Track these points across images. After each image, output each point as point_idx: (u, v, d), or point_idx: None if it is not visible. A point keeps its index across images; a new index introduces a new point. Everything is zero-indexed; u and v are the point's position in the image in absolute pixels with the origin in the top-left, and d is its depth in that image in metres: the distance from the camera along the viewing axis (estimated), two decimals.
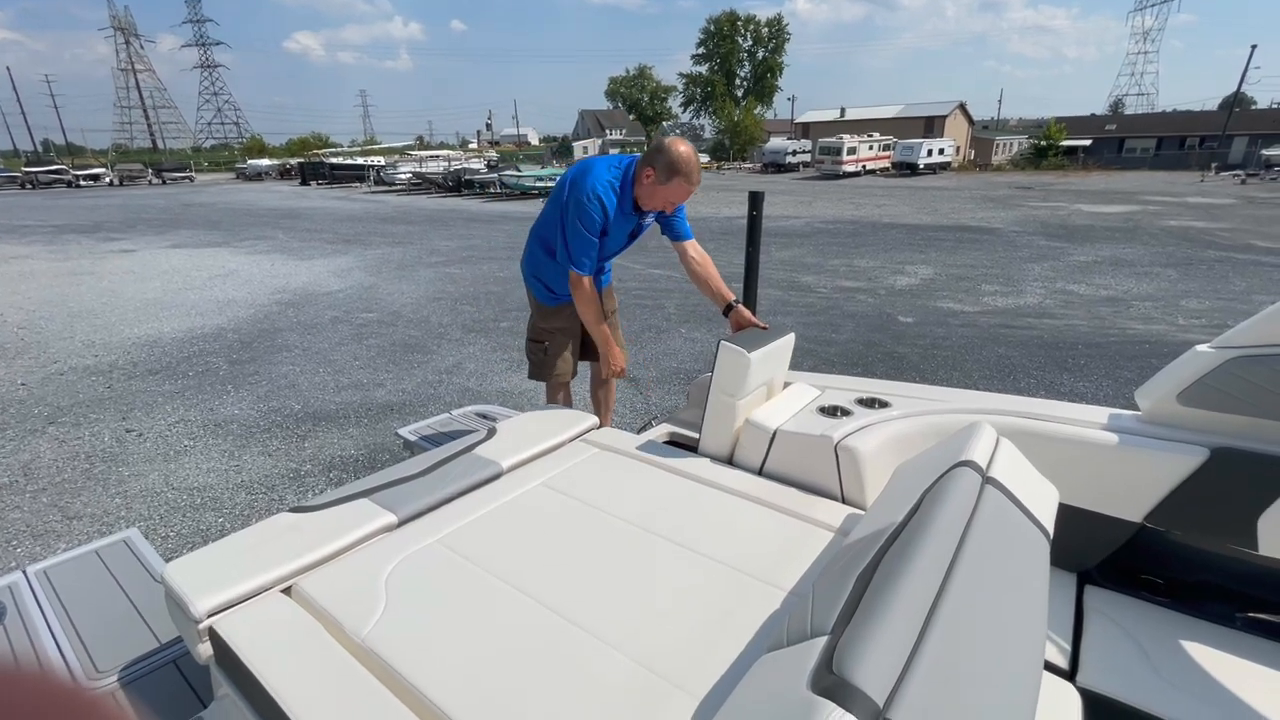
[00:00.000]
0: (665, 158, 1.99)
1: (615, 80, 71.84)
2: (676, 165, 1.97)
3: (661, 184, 2.02)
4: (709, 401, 1.49)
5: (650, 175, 2.03)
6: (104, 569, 1.56)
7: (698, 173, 2.02)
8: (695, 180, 2.02)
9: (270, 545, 1.17)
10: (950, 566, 0.69)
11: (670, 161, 1.98)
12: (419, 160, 33.55)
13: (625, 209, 2.13)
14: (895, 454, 1.29)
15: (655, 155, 2.02)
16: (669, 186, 2.01)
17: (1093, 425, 1.23)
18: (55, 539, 2.74)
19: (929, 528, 0.73)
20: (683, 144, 2.01)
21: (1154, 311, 6.41)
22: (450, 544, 1.18)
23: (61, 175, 36.82)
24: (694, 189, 2.05)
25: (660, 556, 1.12)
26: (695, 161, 2.00)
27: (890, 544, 0.76)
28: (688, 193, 2.06)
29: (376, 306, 6.97)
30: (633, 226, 2.24)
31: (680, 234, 2.30)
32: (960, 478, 0.82)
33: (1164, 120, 46.38)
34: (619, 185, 2.11)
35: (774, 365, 1.67)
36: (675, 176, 1.99)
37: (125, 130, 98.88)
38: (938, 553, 0.70)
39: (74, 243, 12.34)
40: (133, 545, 1.62)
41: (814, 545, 1.13)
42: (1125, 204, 17.58)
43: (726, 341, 1.49)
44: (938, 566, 0.68)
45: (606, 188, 2.09)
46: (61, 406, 4.22)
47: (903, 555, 0.70)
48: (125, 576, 1.53)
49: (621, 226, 2.19)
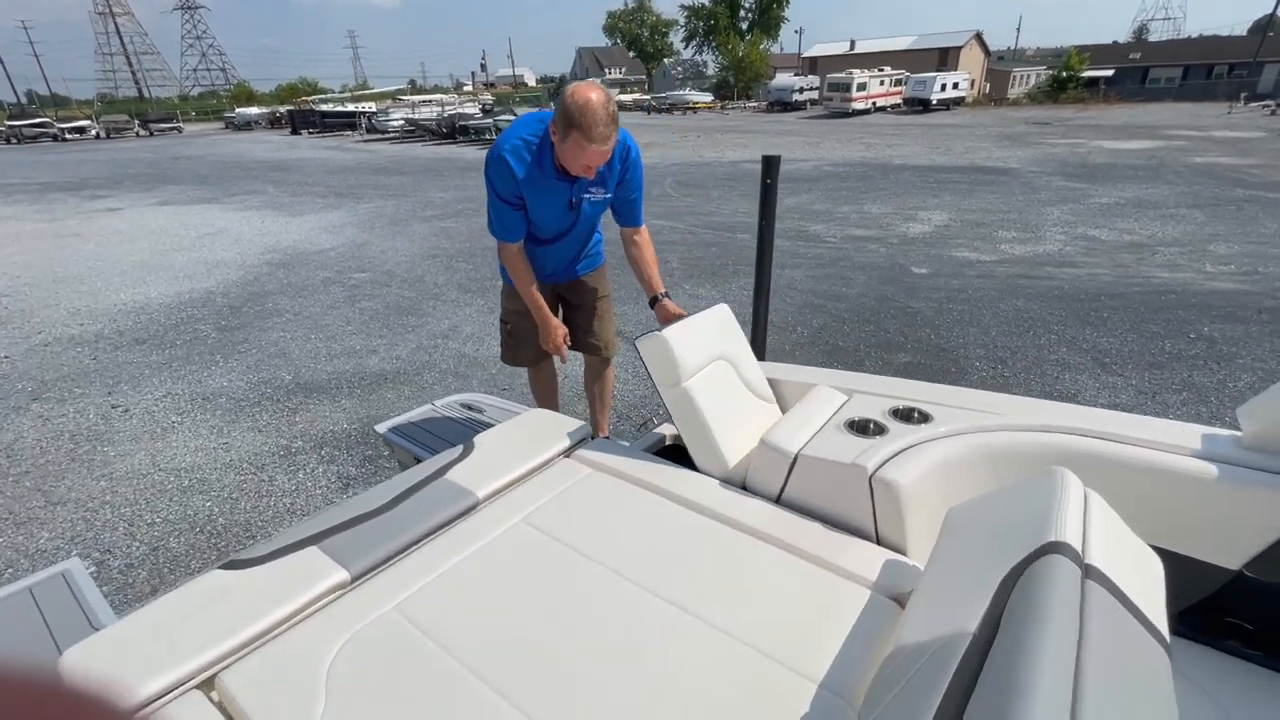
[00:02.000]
0: (561, 108, 1.59)
1: (614, 15, 68.47)
2: (571, 116, 1.56)
3: (561, 142, 1.63)
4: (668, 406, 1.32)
5: (554, 131, 1.66)
6: (36, 612, 1.38)
7: (604, 125, 1.58)
8: (597, 136, 1.57)
9: (194, 619, 0.98)
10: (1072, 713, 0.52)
11: (565, 113, 1.57)
12: (412, 105, 32.34)
13: (547, 173, 1.77)
14: (943, 486, 1.10)
15: (556, 108, 1.64)
16: (566, 146, 1.62)
17: (1183, 450, 1.03)
18: (39, 526, 2.65)
19: (1032, 661, 0.55)
20: (590, 90, 1.59)
21: (1180, 258, 6.11)
22: (409, 612, 0.98)
23: (47, 129, 35.77)
24: (599, 148, 1.61)
25: (661, 629, 0.94)
26: (600, 111, 1.56)
27: (971, 673, 0.59)
28: (592, 154, 1.63)
29: (369, 265, 6.73)
30: (567, 195, 1.86)
31: (627, 219, 2.00)
32: (1053, 572, 0.64)
33: (1191, 47, 43.99)
34: (535, 145, 1.75)
35: (713, 338, 1.48)
36: (571, 131, 1.58)
37: (109, 79, 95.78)
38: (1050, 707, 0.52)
39: (60, 202, 11.99)
40: (72, 581, 1.42)
41: (847, 607, 0.94)
42: (1148, 139, 16.80)
43: (640, 339, 1.37)
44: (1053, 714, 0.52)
45: (515, 149, 1.74)
46: (46, 381, 4.08)
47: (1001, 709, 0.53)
48: (60, 623, 1.35)
49: (548, 195, 1.83)
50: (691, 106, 42.59)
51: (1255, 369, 3.75)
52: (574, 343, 2.32)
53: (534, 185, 1.79)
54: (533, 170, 1.76)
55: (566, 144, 1.63)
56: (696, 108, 42.73)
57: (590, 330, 2.29)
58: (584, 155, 1.64)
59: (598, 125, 1.58)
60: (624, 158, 1.91)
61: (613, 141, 1.65)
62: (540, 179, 1.78)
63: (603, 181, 1.89)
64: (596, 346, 2.32)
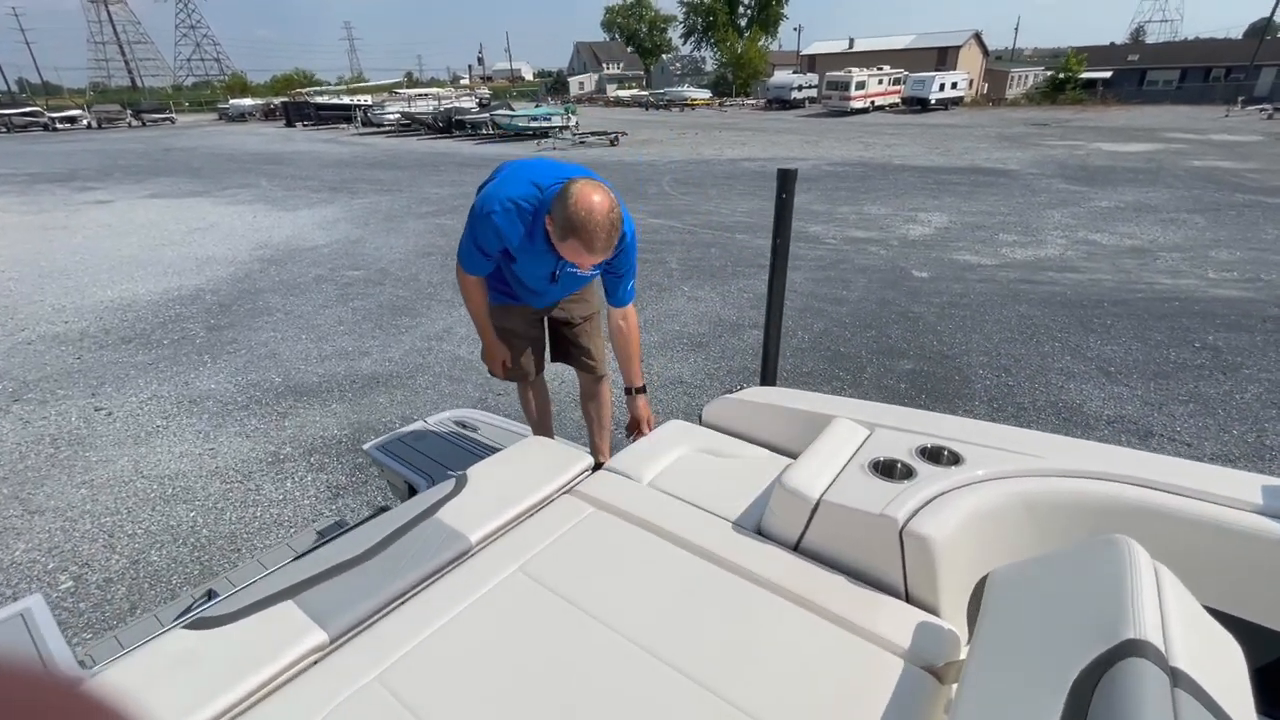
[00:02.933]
0: (563, 210, 1.49)
1: (612, 10, 68.11)
2: (572, 224, 1.47)
3: (558, 240, 1.55)
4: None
5: (551, 229, 1.57)
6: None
7: (606, 237, 1.50)
8: (598, 248, 1.50)
9: (155, 691, 0.88)
10: None
11: (567, 218, 1.48)
12: (408, 99, 32.01)
13: (537, 243, 1.68)
14: (979, 539, 1.02)
15: (556, 202, 1.53)
16: (565, 246, 1.54)
17: (1245, 505, 0.94)
18: (14, 537, 2.55)
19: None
20: (593, 192, 1.48)
21: (1182, 264, 6.07)
22: (392, 683, 0.88)
23: (37, 118, 35.26)
24: (597, 258, 1.55)
25: (668, 700, 0.85)
26: (602, 222, 1.47)
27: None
28: (588, 262, 1.57)
29: (363, 263, 6.62)
30: (552, 267, 1.78)
31: (615, 298, 1.92)
32: (1140, 680, 0.57)
33: (1188, 49, 44.06)
34: (530, 212, 1.65)
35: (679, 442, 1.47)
36: (570, 238, 1.50)
37: (102, 68, 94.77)
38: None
39: (48, 193, 11.80)
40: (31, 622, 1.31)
41: (877, 679, 0.85)
42: (1147, 142, 16.80)
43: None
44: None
45: (509, 211, 1.64)
46: (27, 381, 3.97)
47: None
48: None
49: (535, 261, 1.75)
50: (690, 103, 42.39)
51: (1262, 379, 3.70)
52: (567, 357, 2.23)
53: (523, 246, 1.70)
54: (523, 239, 1.68)
55: (564, 245, 1.54)
56: (695, 104, 42.54)
57: (580, 346, 2.18)
58: (580, 260, 1.57)
59: (599, 238, 1.49)
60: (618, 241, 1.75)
61: (613, 248, 1.57)
62: (529, 247, 1.70)
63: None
64: (588, 364, 2.21)
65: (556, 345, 2.22)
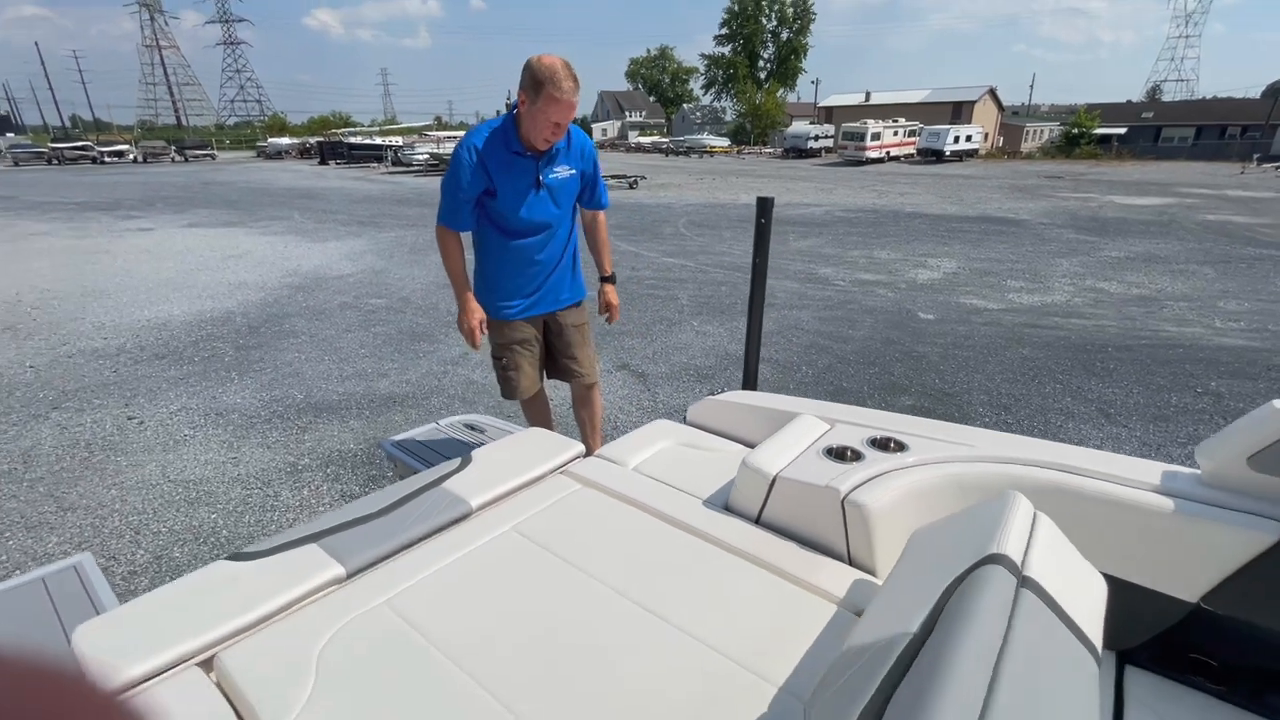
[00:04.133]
0: (528, 74, 1.84)
1: (636, 61, 70.90)
2: (538, 75, 1.81)
3: (533, 103, 1.85)
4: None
5: (524, 100, 1.88)
6: (48, 601, 1.46)
7: (567, 79, 1.83)
8: (564, 86, 1.82)
9: (198, 603, 1.04)
10: (984, 710, 0.56)
11: (533, 75, 1.82)
12: (437, 140, 33.36)
13: (512, 148, 1.98)
14: (912, 511, 1.14)
15: (522, 79, 1.88)
16: (540, 103, 1.84)
17: (1143, 485, 1.06)
18: (48, 531, 2.71)
19: (953, 657, 0.60)
20: (545, 56, 1.86)
21: (1189, 313, 6.12)
22: (399, 607, 1.04)
23: (87, 152, 37.24)
24: (569, 98, 1.85)
25: (635, 632, 0.99)
26: (563, 70, 1.82)
27: (903, 670, 0.63)
28: (564, 105, 1.85)
29: (386, 292, 6.90)
30: (533, 173, 2.05)
31: (595, 203, 2.29)
32: (990, 580, 0.69)
33: (1203, 108, 44.65)
34: (500, 129, 1.98)
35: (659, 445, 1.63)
36: (542, 89, 1.81)
37: (150, 107, 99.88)
38: (966, 694, 0.57)
39: (94, 220, 12.43)
40: (83, 573, 1.50)
41: (814, 620, 0.99)
42: (1161, 196, 16.95)
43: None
44: (964, 709, 0.56)
45: (480, 133, 1.99)
46: (67, 391, 4.20)
47: (921, 697, 0.58)
48: (70, 611, 1.42)
49: (515, 173, 2.02)
50: (709, 150, 43.58)
51: None
52: (555, 369, 2.40)
53: (501, 165, 1.98)
54: (499, 150, 1.97)
55: (538, 103, 1.84)
56: (713, 151, 43.71)
57: (570, 355, 2.35)
58: (555, 110, 1.85)
59: (565, 79, 1.82)
60: (577, 138, 2.14)
61: (578, 96, 1.89)
62: (507, 158, 1.98)
63: (564, 157, 2.09)
64: (577, 371, 2.36)
65: (549, 361, 2.40)
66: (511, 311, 2.22)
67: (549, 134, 1.93)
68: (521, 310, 2.23)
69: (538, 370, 2.32)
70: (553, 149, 2.04)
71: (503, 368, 2.35)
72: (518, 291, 2.21)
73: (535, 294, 2.23)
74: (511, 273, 2.19)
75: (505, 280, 2.20)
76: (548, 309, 2.29)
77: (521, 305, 2.23)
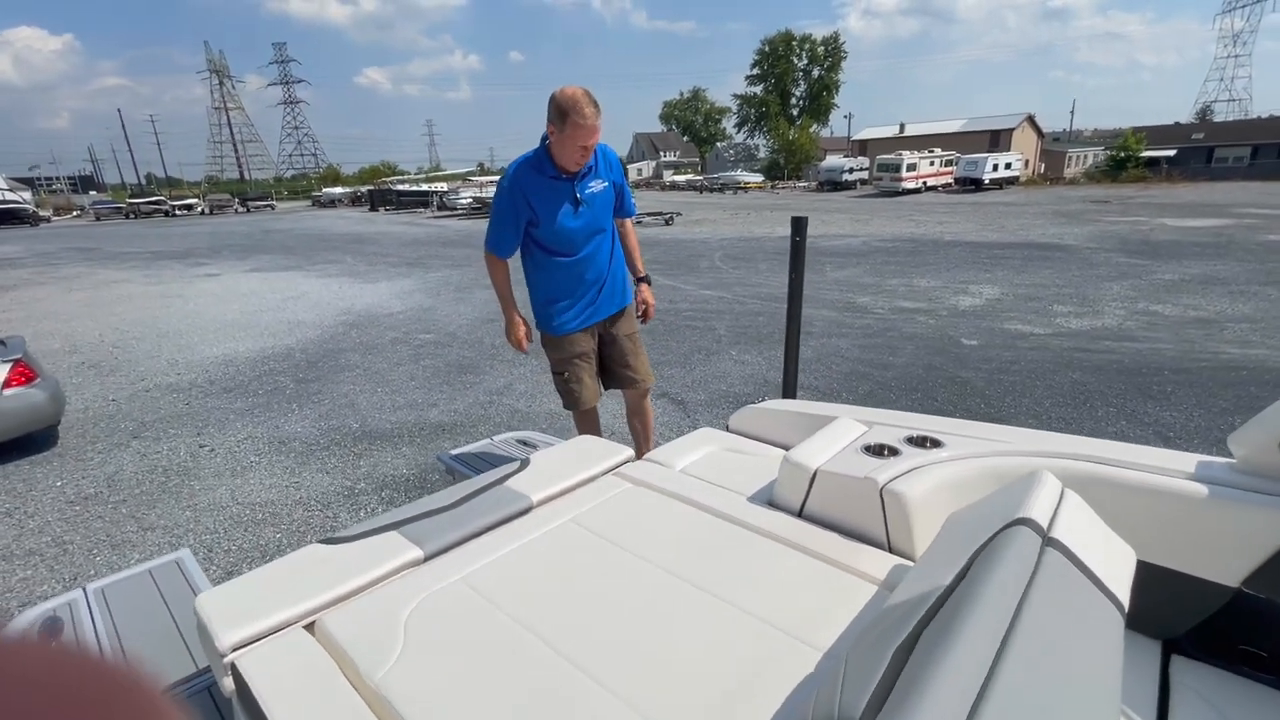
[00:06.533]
0: (554, 107, 2.03)
1: (669, 103, 72.80)
2: (563, 106, 2.00)
3: (561, 132, 2.04)
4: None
5: (552, 130, 2.07)
6: (155, 589, 1.62)
7: (588, 105, 2.00)
8: (586, 113, 2.00)
9: (298, 578, 1.18)
10: (1002, 645, 0.61)
11: (558, 107, 2.01)
12: (479, 185, 34.79)
13: (547, 174, 2.18)
14: (948, 501, 1.17)
15: (549, 111, 2.06)
16: (567, 131, 2.02)
17: (1178, 474, 1.09)
18: (130, 549, 2.91)
19: (977, 598, 0.65)
20: (567, 88, 2.02)
21: (1252, 334, 5.87)
22: (473, 583, 1.15)
23: (160, 205, 40.23)
24: (591, 123, 2.03)
25: (688, 606, 1.06)
26: (582, 96, 2.00)
27: (933, 615, 0.68)
28: (588, 130, 2.03)
29: (434, 328, 7.19)
30: (569, 193, 2.24)
31: (625, 211, 2.50)
32: (1015, 539, 0.73)
33: (1259, 127, 43.04)
34: (533, 159, 2.18)
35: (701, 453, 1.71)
36: (567, 118, 2.00)
37: (217, 163, 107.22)
38: (987, 628, 0.61)
39: (167, 268, 13.37)
40: (183, 566, 1.68)
41: (855, 599, 1.04)
42: (1216, 217, 16.34)
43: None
44: (987, 644, 0.60)
45: (518, 167, 2.19)
46: (145, 422, 4.51)
47: (946, 631, 0.62)
48: (173, 597, 1.59)
49: (554, 196, 2.22)
50: (743, 186, 44.17)
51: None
52: (611, 379, 2.52)
53: (539, 190, 2.18)
54: (536, 177, 2.18)
55: (565, 130, 2.03)
56: (748, 187, 44.27)
57: (626, 364, 2.49)
58: (581, 134, 2.04)
59: (587, 105, 2.01)
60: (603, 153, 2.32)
61: (600, 120, 2.07)
62: (544, 183, 2.19)
63: (595, 173, 2.27)
64: (634, 379, 2.49)
65: (604, 372, 2.53)
66: (570, 326, 2.37)
67: (579, 157, 2.14)
68: (579, 323, 2.38)
69: (596, 381, 2.46)
70: (584, 168, 2.24)
71: (565, 381, 2.49)
72: (572, 306, 2.38)
73: (589, 306, 2.40)
74: (565, 290, 2.36)
75: (560, 297, 2.37)
76: (601, 317, 2.44)
77: (577, 319, 2.38)
